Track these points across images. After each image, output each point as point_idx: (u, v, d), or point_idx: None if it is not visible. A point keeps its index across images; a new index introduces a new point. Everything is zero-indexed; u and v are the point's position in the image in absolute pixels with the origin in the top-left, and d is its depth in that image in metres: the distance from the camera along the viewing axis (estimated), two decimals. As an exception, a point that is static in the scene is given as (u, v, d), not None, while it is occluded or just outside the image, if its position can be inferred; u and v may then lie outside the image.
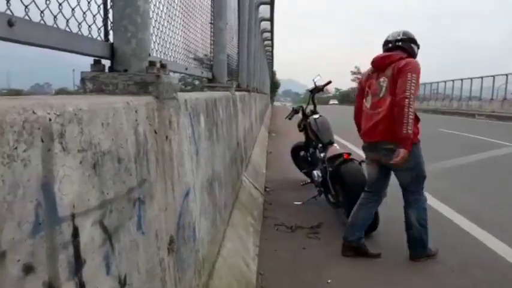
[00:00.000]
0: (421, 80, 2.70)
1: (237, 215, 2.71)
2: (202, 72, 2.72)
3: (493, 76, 25.50)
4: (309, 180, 4.09)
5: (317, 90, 4.25)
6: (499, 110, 22.01)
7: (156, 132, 1.12)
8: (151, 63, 1.20)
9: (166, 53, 1.84)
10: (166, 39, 1.81)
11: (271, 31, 12.81)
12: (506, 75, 23.98)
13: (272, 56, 21.51)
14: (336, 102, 64.95)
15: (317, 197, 3.88)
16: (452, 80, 31.43)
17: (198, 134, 1.71)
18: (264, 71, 16.73)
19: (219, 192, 2.17)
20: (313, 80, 4.22)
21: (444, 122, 15.27)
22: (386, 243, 2.96)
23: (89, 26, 1.10)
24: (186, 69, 2.20)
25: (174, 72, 2.05)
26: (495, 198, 4.32)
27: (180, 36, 2.14)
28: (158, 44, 1.69)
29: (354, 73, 70.18)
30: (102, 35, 1.21)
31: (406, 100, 2.39)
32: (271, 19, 10.86)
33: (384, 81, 2.59)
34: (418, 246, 2.70)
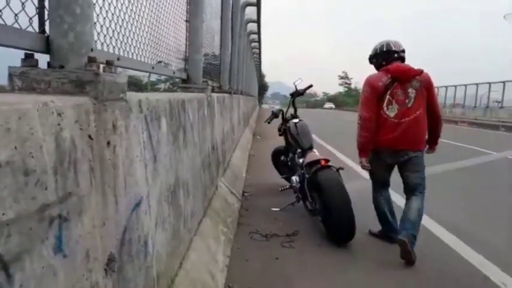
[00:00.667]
0: None
1: (207, 224, 2.58)
2: (174, 72, 2.58)
3: (477, 84, 25.98)
4: (288, 186, 3.98)
5: (298, 94, 4.16)
6: (481, 117, 22.44)
7: (91, 138, 0.99)
8: (91, 60, 1.06)
9: (129, 50, 1.70)
10: (127, 34, 1.67)
11: (258, 33, 12.72)
12: (489, 83, 24.48)
13: (260, 58, 21.42)
14: (332, 106, 59.06)
15: (295, 203, 3.78)
16: (437, 87, 31.90)
17: (156, 139, 1.58)
18: (251, 73, 16.64)
19: (184, 201, 2.04)
20: (294, 84, 4.13)
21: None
22: (364, 252, 2.87)
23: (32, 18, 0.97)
24: (153, 68, 2.06)
25: (141, 71, 1.91)
26: (475, 208, 4.29)
27: (148, 33, 2.01)
28: (117, 39, 1.56)
29: (341, 77, 70.82)
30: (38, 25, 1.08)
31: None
32: (258, 20, 10.76)
33: (412, 92, 2.79)
34: (410, 229, 2.72)
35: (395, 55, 2.86)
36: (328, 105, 60.07)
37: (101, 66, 1.14)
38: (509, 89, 22.54)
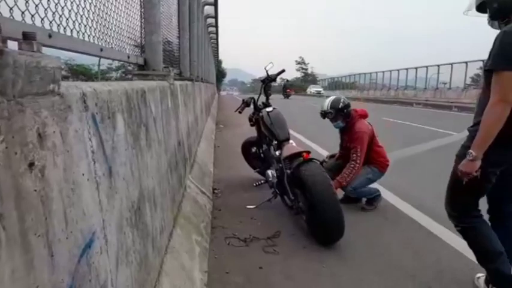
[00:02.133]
0: (362, 71, 2.37)
1: (179, 236, 2.18)
2: (128, 57, 2.11)
3: (426, 67, 27.12)
4: (262, 181, 3.65)
5: (270, 79, 3.79)
6: (432, 98, 23.50)
7: (-6, 163, 0.57)
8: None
9: (66, 25, 1.25)
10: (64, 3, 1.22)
11: (216, 17, 12.09)
12: (438, 65, 25.61)
13: (217, 43, 20.69)
14: (321, 90, 42.12)
15: (272, 199, 3.46)
16: (390, 71, 32.97)
17: (111, 144, 1.16)
18: (210, 59, 15.99)
19: (151, 216, 1.63)
20: (265, 69, 3.76)
21: (386, 111, 15.76)
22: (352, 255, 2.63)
23: None
24: (102, 50, 1.60)
25: (86, 54, 1.45)
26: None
27: (94, 6, 1.54)
28: (47, 9, 1.10)
29: (298, 63, 71.36)
30: None
31: None
32: (215, 3, 10.17)
33: None
34: None
35: None
36: (314, 88, 43.92)
37: (12, 43, 0.71)
38: (456, 71, 23.68)
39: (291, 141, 3.39)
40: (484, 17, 1.90)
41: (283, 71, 3.85)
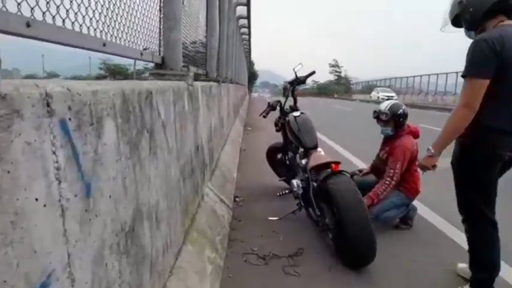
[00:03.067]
0: (397, 74, 2.06)
1: (189, 253, 1.97)
2: (141, 54, 1.93)
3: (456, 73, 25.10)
4: (287, 191, 3.38)
5: (298, 81, 3.53)
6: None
7: None
8: None
9: (56, 12, 1.06)
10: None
11: (248, 17, 11.94)
12: None
13: (250, 45, 20.59)
14: (393, 94, 29.61)
15: (296, 211, 3.19)
16: (428, 75, 31.53)
17: (93, 157, 0.95)
18: (241, 60, 15.88)
19: (151, 236, 1.42)
20: (294, 70, 3.49)
21: (423, 117, 14.95)
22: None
23: None
24: (105, 45, 1.41)
25: (82, 48, 1.26)
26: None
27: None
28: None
29: (331, 66, 70.18)
30: None
31: None
32: (247, 4, 10.01)
33: None
34: None
35: None
36: (384, 93, 31.51)
37: None
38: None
39: (319, 149, 3.10)
40: (460, 31, 2.02)
41: (313, 72, 3.57)
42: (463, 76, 1.86)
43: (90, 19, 1.31)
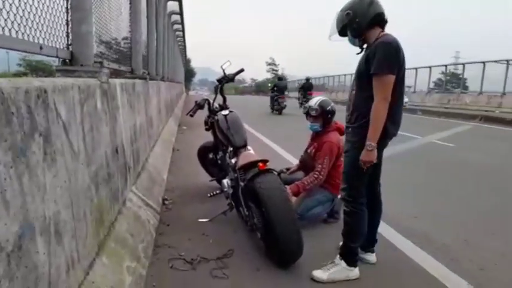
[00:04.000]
0: (325, 72, 2.07)
1: (104, 266, 1.81)
2: (41, 48, 1.71)
3: (416, 68, 25.88)
4: (218, 191, 3.31)
5: (227, 79, 3.47)
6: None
7: None
8: None
9: None
10: None
11: (181, 13, 11.60)
12: (430, 67, 24.57)
13: (184, 41, 20.08)
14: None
15: (227, 212, 3.13)
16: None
17: None
18: (175, 57, 15.43)
19: (47, 253, 1.26)
20: (222, 67, 3.42)
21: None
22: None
23: None
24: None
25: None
26: (417, 201, 4.08)
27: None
28: None
29: (268, 64, 71.45)
30: None
31: None
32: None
33: None
34: None
35: None
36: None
37: None
38: (420, 74, 24.21)
39: (249, 147, 3.08)
40: (345, 40, 2.29)
41: (242, 70, 3.53)
42: (375, 73, 2.05)
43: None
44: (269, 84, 15.27)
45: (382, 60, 2.04)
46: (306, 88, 18.54)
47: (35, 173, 1.21)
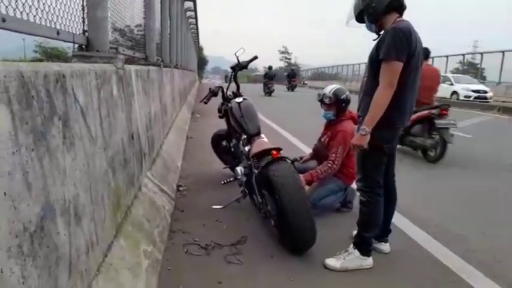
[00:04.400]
0: (344, 62, 2.16)
1: (121, 248, 1.84)
2: (58, 33, 1.72)
3: (432, 58, 25.64)
4: (231, 179, 3.32)
5: (240, 67, 3.45)
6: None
7: None
8: None
9: None
10: None
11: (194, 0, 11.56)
12: (447, 56, 23.88)
13: (197, 29, 20.02)
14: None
15: (240, 199, 3.15)
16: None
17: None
18: (188, 44, 15.41)
19: (68, 234, 1.29)
20: (236, 55, 3.40)
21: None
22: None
23: None
24: (4, 20, 1.23)
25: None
26: (430, 194, 4.03)
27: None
28: None
29: (281, 52, 70.78)
30: None
31: None
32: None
33: None
34: None
35: None
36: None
37: None
38: (436, 64, 23.65)
39: (262, 135, 3.07)
40: (362, 26, 2.27)
41: (255, 57, 3.50)
42: (383, 59, 2.02)
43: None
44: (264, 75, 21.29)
45: (390, 46, 2.00)
46: (291, 76, 26.10)
47: (55, 156, 1.23)
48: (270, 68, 22.69)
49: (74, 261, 1.32)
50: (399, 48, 1.99)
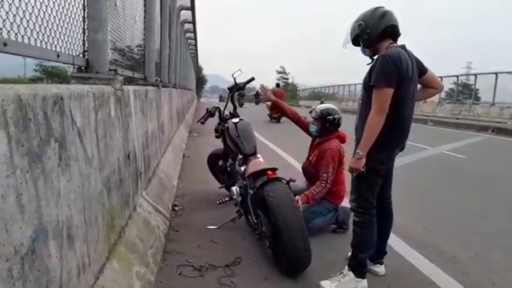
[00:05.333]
0: (337, 82, 2.24)
1: (114, 270, 1.83)
2: (58, 56, 1.76)
3: None
4: (227, 198, 3.32)
5: (238, 88, 3.50)
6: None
7: None
8: None
9: None
10: None
11: (193, 22, 11.79)
12: (441, 77, 24.55)
13: (196, 49, 20.34)
14: None
15: (236, 219, 3.14)
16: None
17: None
18: (187, 65, 15.62)
19: (61, 257, 1.28)
20: (233, 76, 3.46)
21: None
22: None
23: None
24: (5, 44, 1.26)
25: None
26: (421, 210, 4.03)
27: None
28: None
29: (279, 72, 71.73)
30: None
31: None
32: (192, 8, 9.87)
33: None
34: None
35: None
36: None
37: None
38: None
39: (258, 155, 3.09)
40: (358, 50, 2.33)
41: (252, 79, 3.56)
42: (373, 85, 2.08)
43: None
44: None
45: (379, 72, 2.06)
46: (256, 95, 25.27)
47: (50, 178, 1.25)
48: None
49: (64, 284, 1.31)
50: (388, 74, 2.03)
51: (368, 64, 2.28)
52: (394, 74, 2.04)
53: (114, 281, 1.78)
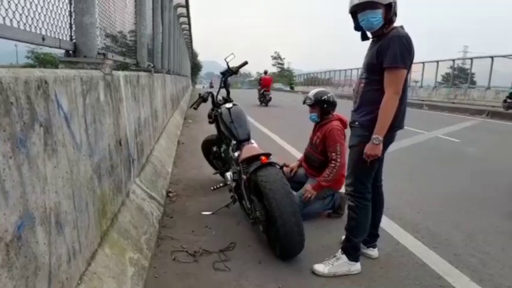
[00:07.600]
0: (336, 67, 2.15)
1: (106, 257, 1.82)
2: (43, 39, 1.71)
3: (423, 63, 25.75)
4: (221, 184, 3.31)
5: (231, 72, 3.45)
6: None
7: None
8: None
9: None
10: None
11: (187, 6, 11.57)
12: (437, 61, 24.25)
13: (190, 35, 20.04)
14: None
15: (230, 205, 3.14)
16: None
17: None
18: (182, 50, 15.40)
19: (48, 244, 1.27)
20: (226, 60, 3.41)
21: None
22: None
23: None
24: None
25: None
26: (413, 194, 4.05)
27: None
28: None
29: (274, 58, 71.13)
30: None
31: None
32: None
33: None
34: None
35: None
36: None
37: None
38: (427, 69, 23.94)
39: (252, 141, 3.07)
40: (363, 15, 2.12)
41: (245, 63, 3.51)
42: (388, 67, 2.02)
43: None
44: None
45: (397, 54, 2.00)
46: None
47: (35, 163, 1.22)
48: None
49: (54, 270, 1.30)
50: (405, 56, 2.01)
51: (362, 41, 2.24)
52: (410, 55, 2.04)
53: (107, 266, 1.78)
